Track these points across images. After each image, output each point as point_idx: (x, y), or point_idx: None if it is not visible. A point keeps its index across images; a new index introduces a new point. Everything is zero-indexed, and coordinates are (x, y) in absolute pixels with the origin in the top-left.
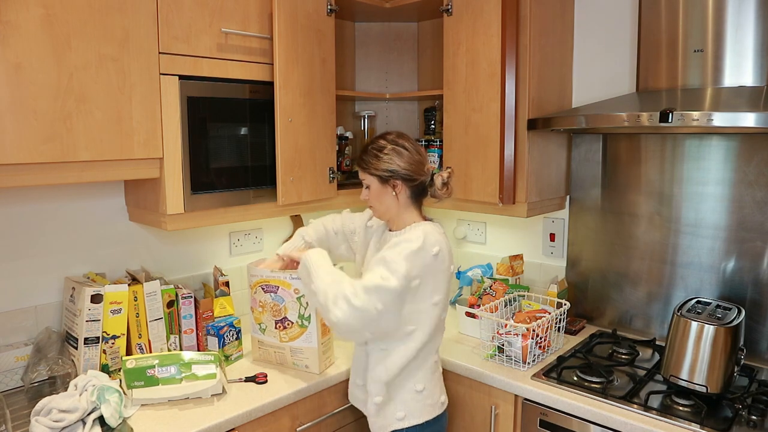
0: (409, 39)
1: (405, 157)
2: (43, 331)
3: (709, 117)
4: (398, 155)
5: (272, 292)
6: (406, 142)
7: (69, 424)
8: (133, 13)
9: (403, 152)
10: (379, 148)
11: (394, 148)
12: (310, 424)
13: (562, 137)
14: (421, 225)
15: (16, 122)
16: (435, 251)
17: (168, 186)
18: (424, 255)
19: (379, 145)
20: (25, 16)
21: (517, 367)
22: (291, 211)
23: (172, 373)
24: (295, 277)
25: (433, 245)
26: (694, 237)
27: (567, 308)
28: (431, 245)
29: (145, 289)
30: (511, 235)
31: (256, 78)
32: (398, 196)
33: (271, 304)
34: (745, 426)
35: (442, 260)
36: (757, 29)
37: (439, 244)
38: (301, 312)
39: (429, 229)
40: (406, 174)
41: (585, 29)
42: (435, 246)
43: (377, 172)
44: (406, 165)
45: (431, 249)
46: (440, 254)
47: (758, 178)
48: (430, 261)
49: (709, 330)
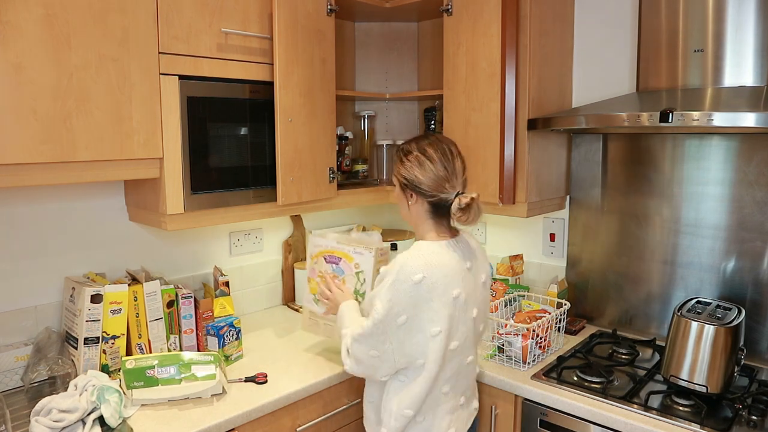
0: (409, 39)
1: (426, 170)
2: (43, 331)
3: (709, 117)
4: (420, 166)
5: (334, 263)
6: (435, 152)
7: (69, 424)
8: (133, 13)
9: (426, 164)
10: (405, 153)
11: (418, 157)
12: (310, 424)
13: (562, 137)
14: (413, 248)
15: (16, 122)
16: (417, 279)
17: (168, 186)
18: (403, 286)
19: (407, 149)
20: (25, 16)
21: (517, 367)
22: (291, 211)
23: (172, 373)
24: (359, 251)
25: (414, 273)
26: (694, 237)
27: (567, 308)
28: (411, 273)
29: (145, 289)
30: (511, 235)
31: (256, 78)
32: (412, 207)
33: (330, 276)
34: (745, 426)
35: (430, 288)
36: (758, 29)
37: (424, 271)
38: (357, 287)
39: (417, 252)
40: (425, 189)
41: (585, 29)
42: (417, 273)
43: (398, 176)
44: (425, 179)
45: (411, 277)
46: (424, 282)
47: (758, 178)
48: (413, 291)
49: (709, 330)
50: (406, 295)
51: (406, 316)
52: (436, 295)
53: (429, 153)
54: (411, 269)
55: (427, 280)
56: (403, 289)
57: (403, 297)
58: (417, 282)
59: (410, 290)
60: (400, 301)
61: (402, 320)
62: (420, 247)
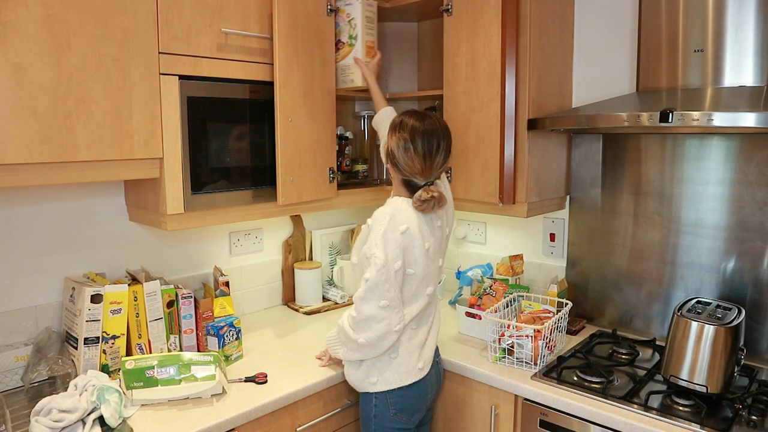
0: (409, 39)
1: (407, 156)
2: (43, 331)
3: (709, 117)
4: (404, 150)
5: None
6: (422, 144)
7: (69, 424)
8: (133, 13)
9: (409, 151)
10: (400, 127)
11: (406, 140)
12: (310, 424)
13: (562, 137)
14: (392, 203)
15: (16, 122)
16: (402, 229)
17: (168, 186)
18: (393, 235)
19: (403, 124)
20: (25, 16)
21: (528, 369)
22: (291, 211)
23: (171, 374)
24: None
25: (400, 224)
26: (694, 237)
27: (569, 308)
28: (398, 224)
29: (145, 289)
30: (511, 235)
31: (256, 78)
32: (390, 168)
33: None
34: (745, 426)
35: (411, 237)
36: (758, 29)
37: (407, 222)
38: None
39: (398, 205)
40: (400, 167)
41: (585, 29)
42: (402, 224)
43: (388, 140)
44: (402, 161)
45: (398, 227)
46: (408, 232)
47: (758, 178)
48: (401, 239)
49: (709, 330)
50: (397, 243)
51: (400, 261)
52: (416, 245)
53: (416, 142)
54: (397, 221)
55: (409, 230)
56: (393, 237)
57: (395, 245)
58: (402, 232)
59: (399, 239)
60: (393, 249)
61: (398, 266)
62: (400, 203)
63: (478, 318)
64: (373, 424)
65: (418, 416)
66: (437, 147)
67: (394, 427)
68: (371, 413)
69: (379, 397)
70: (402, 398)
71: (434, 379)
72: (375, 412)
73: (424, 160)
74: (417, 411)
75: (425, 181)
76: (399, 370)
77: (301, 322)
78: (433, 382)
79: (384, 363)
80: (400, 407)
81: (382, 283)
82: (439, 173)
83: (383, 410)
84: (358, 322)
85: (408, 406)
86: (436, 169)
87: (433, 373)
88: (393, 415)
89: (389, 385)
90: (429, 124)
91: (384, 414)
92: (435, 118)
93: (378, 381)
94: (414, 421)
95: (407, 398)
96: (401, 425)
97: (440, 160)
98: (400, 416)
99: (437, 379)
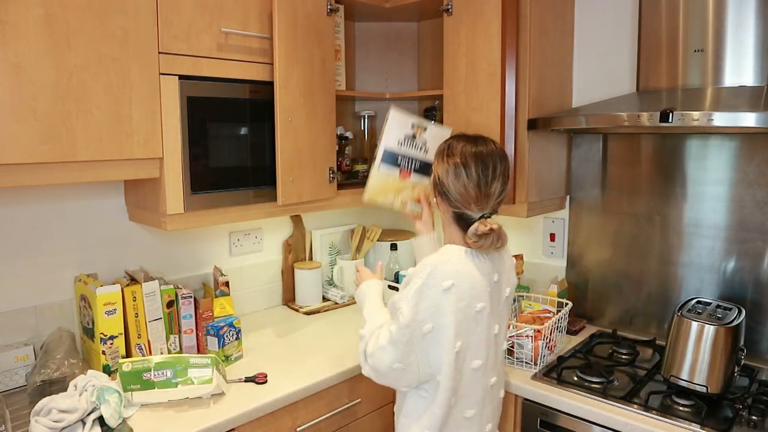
0: (409, 39)
1: (459, 183)
2: (56, 331)
3: (710, 117)
4: (455, 176)
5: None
6: (476, 169)
7: (69, 425)
8: (133, 13)
9: (461, 177)
10: (449, 153)
11: (458, 165)
12: (310, 424)
13: (563, 137)
14: (443, 252)
15: (15, 122)
16: (446, 285)
17: (168, 186)
18: (431, 291)
19: (453, 149)
20: (25, 16)
21: (528, 369)
22: (291, 211)
23: (168, 377)
24: None
25: (444, 279)
26: (695, 237)
27: (569, 308)
28: (441, 279)
29: (144, 290)
30: (511, 235)
31: (256, 78)
32: (440, 204)
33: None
34: (745, 426)
35: (458, 298)
36: (758, 29)
37: (454, 278)
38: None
39: (447, 257)
40: (451, 198)
41: (585, 29)
42: (446, 280)
43: (435, 169)
44: (454, 190)
45: (441, 283)
46: (453, 290)
47: (758, 178)
48: (441, 298)
49: (709, 330)
50: (434, 302)
51: (431, 324)
52: (462, 307)
53: (470, 167)
54: (441, 275)
55: (456, 288)
56: (431, 294)
57: (431, 304)
58: (446, 288)
59: (438, 297)
60: (428, 308)
61: (427, 328)
62: (450, 251)
63: None
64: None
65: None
66: (494, 172)
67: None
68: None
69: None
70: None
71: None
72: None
73: (479, 186)
74: None
75: (481, 214)
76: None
77: (301, 322)
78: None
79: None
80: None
81: (403, 344)
82: (496, 204)
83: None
84: (370, 358)
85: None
86: (493, 198)
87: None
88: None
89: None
90: (484, 146)
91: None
92: (489, 141)
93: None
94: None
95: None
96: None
97: (497, 188)
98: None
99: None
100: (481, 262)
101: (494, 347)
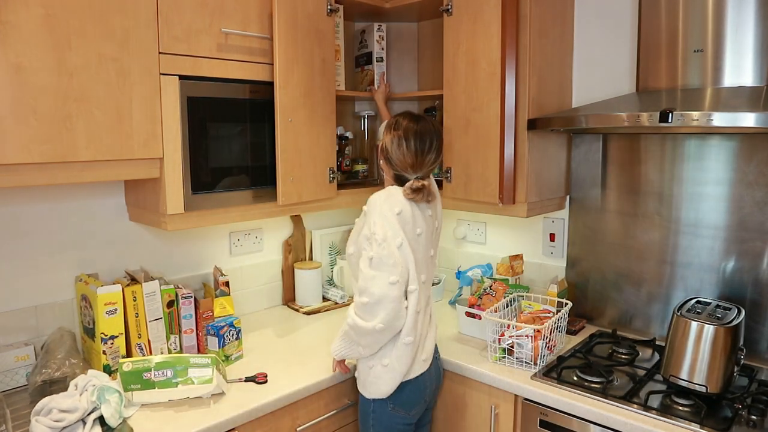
0: (409, 39)
1: (400, 151)
2: (56, 331)
3: (709, 117)
4: (397, 145)
5: None
6: (415, 141)
7: (69, 424)
8: (133, 13)
9: (402, 147)
10: (395, 126)
11: (400, 137)
12: (310, 424)
13: (562, 137)
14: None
15: (16, 122)
16: (397, 210)
17: (168, 186)
18: (388, 214)
19: (398, 123)
20: (25, 16)
21: (528, 369)
22: (291, 211)
23: (168, 376)
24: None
25: (394, 206)
26: (694, 237)
27: (569, 308)
28: (392, 205)
29: (144, 290)
30: (511, 235)
31: (256, 78)
32: (383, 164)
33: None
34: (744, 426)
35: (405, 221)
36: (757, 29)
37: (401, 206)
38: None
39: (393, 192)
40: (392, 162)
41: (585, 29)
42: (396, 206)
43: (383, 137)
44: (395, 156)
45: (393, 209)
46: (402, 214)
47: (758, 178)
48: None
49: (708, 330)
50: (395, 222)
51: (400, 238)
52: (408, 229)
53: (409, 140)
54: (393, 202)
55: (403, 213)
56: (389, 216)
57: (393, 222)
58: (398, 213)
59: (393, 219)
60: (393, 225)
61: (399, 241)
62: (393, 189)
63: (478, 318)
64: (372, 419)
65: (416, 411)
66: (430, 145)
67: (393, 422)
68: (369, 408)
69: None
70: (400, 392)
71: (434, 374)
72: (373, 407)
73: (415, 155)
74: (415, 405)
75: (415, 175)
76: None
77: (301, 322)
78: (433, 377)
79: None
80: (398, 401)
81: (387, 257)
82: (429, 170)
83: (381, 405)
84: (372, 306)
85: (406, 401)
86: (427, 166)
87: (432, 369)
88: (391, 409)
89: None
90: (422, 124)
91: (382, 409)
92: (429, 120)
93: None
94: (413, 416)
95: (405, 392)
96: (399, 419)
97: (432, 158)
98: (398, 410)
99: (437, 375)
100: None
101: (432, 265)
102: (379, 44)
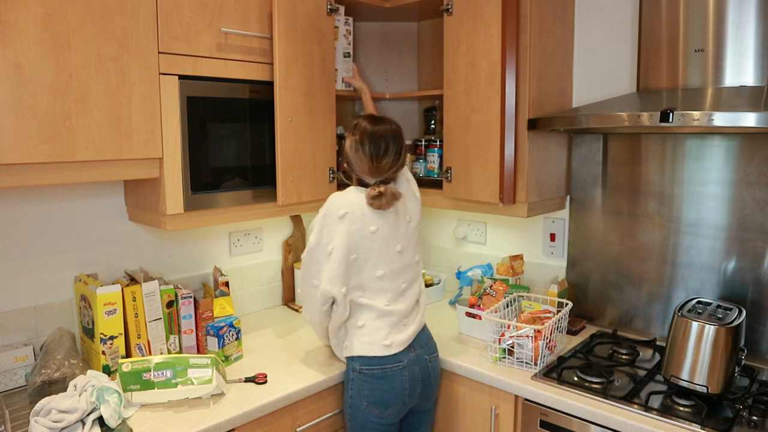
0: (409, 39)
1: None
2: (56, 331)
3: (710, 117)
4: (354, 150)
5: None
6: (371, 147)
7: (68, 425)
8: (133, 13)
9: (359, 152)
10: (354, 130)
11: (357, 142)
12: (310, 424)
13: (563, 137)
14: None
15: (15, 122)
16: (341, 214)
17: (168, 186)
18: (330, 219)
19: (357, 128)
20: (25, 15)
21: (528, 369)
22: (291, 211)
23: (168, 377)
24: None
25: (339, 209)
26: (695, 237)
27: (570, 308)
28: (336, 209)
29: (143, 290)
30: (511, 235)
31: (256, 78)
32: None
33: None
34: (745, 426)
35: (351, 222)
36: (758, 29)
37: (347, 207)
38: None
39: (344, 192)
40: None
41: (585, 29)
42: (341, 209)
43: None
44: (353, 160)
45: (336, 212)
46: (347, 217)
47: (759, 178)
48: (338, 224)
49: (709, 330)
50: (334, 227)
51: (332, 245)
52: (355, 229)
53: (365, 145)
54: (336, 206)
55: (350, 214)
56: (329, 223)
57: (332, 229)
58: (341, 216)
59: (336, 223)
60: (330, 232)
61: (330, 248)
62: (347, 190)
63: (478, 318)
64: (348, 414)
65: (392, 412)
66: (386, 149)
67: (367, 420)
68: (347, 403)
69: (354, 387)
70: (374, 390)
71: (416, 376)
72: (350, 402)
73: (372, 160)
74: (390, 406)
75: (374, 180)
76: (362, 340)
77: (301, 322)
78: (414, 378)
79: (352, 332)
80: (372, 399)
81: (311, 263)
82: (390, 174)
83: (357, 401)
84: (303, 301)
85: (380, 400)
86: (384, 171)
87: (415, 370)
88: (365, 407)
89: (352, 352)
90: (380, 127)
91: (357, 405)
92: (388, 122)
93: (347, 347)
94: (388, 417)
95: (379, 391)
96: (374, 418)
97: (388, 162)
98: (372, 409)
99: (424, 376)
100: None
101: (399, 260)
102: (346, 39)
